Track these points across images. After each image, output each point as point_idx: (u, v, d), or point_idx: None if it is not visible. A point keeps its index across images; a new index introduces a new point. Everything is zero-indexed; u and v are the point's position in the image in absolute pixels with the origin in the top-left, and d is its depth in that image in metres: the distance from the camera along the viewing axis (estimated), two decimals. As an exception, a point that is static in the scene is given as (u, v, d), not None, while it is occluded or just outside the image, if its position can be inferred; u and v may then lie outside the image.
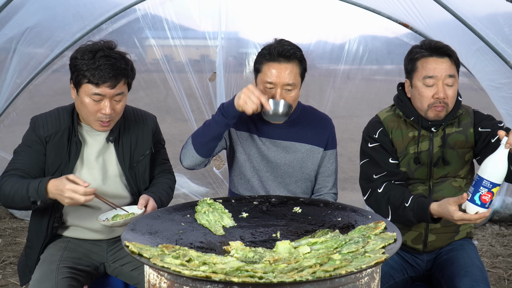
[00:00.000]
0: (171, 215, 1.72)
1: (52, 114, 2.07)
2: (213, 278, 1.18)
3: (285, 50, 2.10)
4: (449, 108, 2.08)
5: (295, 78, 2.13)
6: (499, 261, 3.78)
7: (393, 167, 2.14)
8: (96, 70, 1.88)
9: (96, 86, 1.90)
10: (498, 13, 3.32)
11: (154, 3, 4.15)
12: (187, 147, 2.18)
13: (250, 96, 1.96)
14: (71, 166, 2.03)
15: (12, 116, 4.29)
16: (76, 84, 1.95)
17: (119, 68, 1.93)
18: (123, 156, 2.12)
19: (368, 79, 4.51)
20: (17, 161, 2.02)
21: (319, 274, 1.20)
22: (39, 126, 2.03)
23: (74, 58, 1.94)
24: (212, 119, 2.11)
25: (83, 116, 2.01)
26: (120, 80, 1.94)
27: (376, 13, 4.05)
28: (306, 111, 2.35)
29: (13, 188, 1.90)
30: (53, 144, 2.01)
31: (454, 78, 2.05)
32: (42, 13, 3.71)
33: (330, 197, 2.32)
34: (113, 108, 1.96)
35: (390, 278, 2.10)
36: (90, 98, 1.93)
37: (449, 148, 2.11)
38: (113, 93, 1.94)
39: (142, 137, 2.17)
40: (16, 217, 4.45)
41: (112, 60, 1.91)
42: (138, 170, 2.16)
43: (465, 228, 2.18)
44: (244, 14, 4.35)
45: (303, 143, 2.28)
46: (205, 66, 4.36)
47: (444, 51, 2.06)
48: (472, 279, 1.91)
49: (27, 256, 2.12)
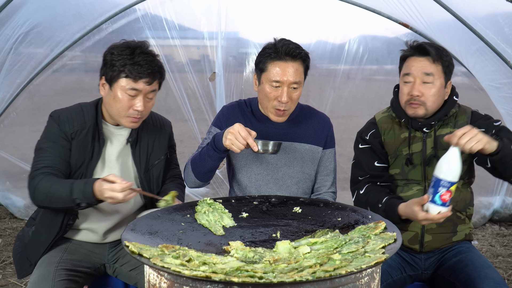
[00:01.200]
0: (171, 215, 1.72)
1: (76, 110, 2.05)
2: (213, 278, 1.18)
3: (292, 49, 2.11)
4: (428, 106, 2.07)
5: (300, 76, 2.14)
6: (499, 261, 3.78)
7: (377, 170, 2.19)
8: (135, 65, 1.91)
9: (133, 81, 1.92)
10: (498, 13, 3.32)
11: (154, 3, 4.15)
12: (188, 172, 2.21)
13: (237, 138, 1.93)
14: (93, 165, 2.03)
15: (12, 116, 4.29)
16: (110, 79, 1.95)
17: (156, 66, 1.97)
18: (139, 158, 2.12)
19: (368, 79, 4.51)
20: (45, 158, 1.97)
21: (319, 274, 1.20)
22: (64, 122, 2.00)
23: (110, 53, 1.96)
24: (206, 153, 2.10)
25: (112, 112, 2.00)
26: (156, 78, 1.98)
27: (376, 13, 4.05)
28: (304, 110, 2.35)
29: (52, 188, 1.86)
30: (78, 141, 2.00)
31: (432, 76, 2.05)
32: (42, 13, 3.70)
33: (329, 196, 2.32)
34: (145, 105, 1.98)
35: (388, 277, 2.10)
36: (125, 93, 1.94)
37: (442, 149, 2.09)
38: (148, 89, 1.96)
39: (159, 142, 2.19)
40: (16, 217, 4.45)
41: (150, 57, 1.96)
42: (153, 174, 2.16)
43: (463, 229, 2.17)
44: (244, 14, 4.35)
45: (302, 143, 2.28)
46: (205, 66, 4.36)
47: (425, 50, 2.06)
48: (494, 281, 1.90)
49: (31, 248, 2.08)
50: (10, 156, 4.38)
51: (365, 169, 2.20)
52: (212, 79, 4.32)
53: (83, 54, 4.27)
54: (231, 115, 2.32)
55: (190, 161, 2.21)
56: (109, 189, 1.76)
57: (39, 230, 2.07)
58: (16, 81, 4.07)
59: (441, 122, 2.13)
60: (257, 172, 2.28)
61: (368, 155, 2.22)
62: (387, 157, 2.22)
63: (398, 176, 2.19)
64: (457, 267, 2.06)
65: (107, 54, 1.97)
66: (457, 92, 2.18)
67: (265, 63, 2.14)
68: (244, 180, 2.30)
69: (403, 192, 2.17)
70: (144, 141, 2.14)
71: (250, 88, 4.31)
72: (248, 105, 2.34)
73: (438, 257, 2.17)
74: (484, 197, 4.55)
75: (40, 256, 2.05)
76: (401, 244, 1.43)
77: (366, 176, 2.21)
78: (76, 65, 4.34)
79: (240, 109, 2.33)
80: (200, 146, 2.33)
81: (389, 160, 2.21)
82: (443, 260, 2.14)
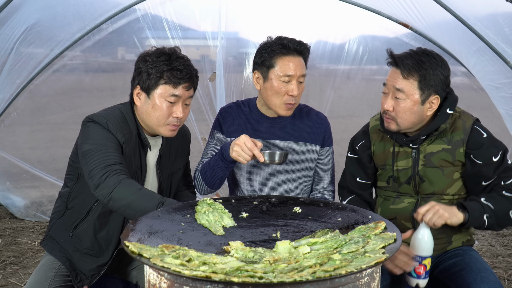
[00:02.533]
0: (171, 215, 1.72)
1: (120, 117, 1.93)
2: (213, 278, 1.18)
3: (298, 44, 2.18)
4: (400, 122, 1.96)
5: (305, 69, 2.22)
6: (499, 261, 3.78)
7: (359, 187, 2.20)
8: (175, 71, 1.87)
9: (174, 87, 1.88)
10: (498, 13, 3.32)
11: (154, 3, 4.15)
12: (199, 182, 2.24)
13: (243, 150, 1.94)
14: (143, 175, 1.98)
15: (12, 116, 4.29)
16: (148, 88, 1.89)
17: (194, 70, 1.95)
18: (163, 166, 2.08)
19: (368, 79, 4.51)
20: (107, 155, 1.79)
21: (319, 274, 1.20)
22: (115, 129, 1.87)
23: (143, 61, 1.90)
24: (215, 163, 2.12)
25: (151, 121, 1.93)
26: (194, 82, 1.95)
27: (376, 13, 4.05)
28: (301, 109, 2.36)
29: (135, 197, 1.72)
30: (128, 150, 1.92)
31: (403, 92, 1.91)
32: (42, 13, 3.70)
33: (327, 194, 2.33)
34: (184, 112, 1.94)
35: (388, 277, 2.09)
36: (165, 101, 1.89)
37: (432, 167, 2.02)
38: (187, 95, 1.93)
39: (181, 150, 2.18)
40: (16, 217, 4.45)
41: (187, 62, 1.94)
42: (172, 181, 2.15)
43: (458, 238, 2.10)
44: (244, 14, 4.35)
45: (300, 142, 2.29)
46: (205, 66, 4.36)
47: (395, 62, 1.94)
48: (490, 284, 1.86)
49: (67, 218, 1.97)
50: (10, 156, 4.38)
51: (349, 181, 2.22)
52: (212, 79, 4.32)
53: (83, 54, 4.28)
54: (229, 117, 2.32)
55: (200, 171, 2.23)
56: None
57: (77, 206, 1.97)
58: (16, 81, 4.07)
59: (433, 137, 2.00)
60: (256, 172, 2.28)
61: (353, 167, 2.22)
62: (374, 171, 2.19)
63: (389, 188, 2.14)
64: (453, 270, 2.01)
65: (139, 62, 1.91)
66: (455, 99, 2.01)
67: (273, 59, 2.17)
68: (243, 180, 2.30)
69: (395, 204, 2.12)
70: (167, 149, 2.10)
71: (250, 88, 4.31)
72: (246, 105, 2.35)
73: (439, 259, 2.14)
74: (484, 197, 4.54)
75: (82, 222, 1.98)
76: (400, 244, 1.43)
77: (349, 188, 2.23)
78: (76, 65, 4.34)
79: (238, 110, 2.33)
80: (204, 152, 2.35)
81: (378, 173, 2.18)
82: (439, 262, 2.12)
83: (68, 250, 1.98)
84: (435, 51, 1.98)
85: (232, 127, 2.31)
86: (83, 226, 1.96)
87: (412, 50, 1.98)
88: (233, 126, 2.31)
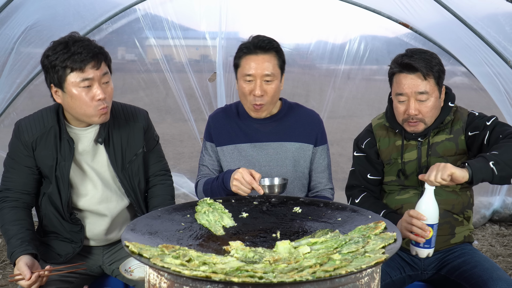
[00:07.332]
0: (171, 215, 1.72)
1: (36, 116, 2.02)
2: (213, 278, 1.18)
3: (262, 41, 2.13)
4: (428, 121, 2.05)
5: (274, 68, 2.13)
6: (499, 261, 3.78)
7: (370, 183, 2.22)
8: (74, 55, 1.83)
9: (81, 71, 1.84)
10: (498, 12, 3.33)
11: (154, 3, 4.16)
12: (202, 197, 2.20)
13: (242, 184, 1.93)
14: (67, 166, 1.97)
15: (12, 116, 4.29)
16: (59, 82, 1.87)
17: (96, 48, 1.89)
18: (114, 157, 2.05)
19: (368, 79, 4.51)
20: (8, 179, 2.01)
21: (319, 274, 1.20)
22: (23, 131, 1.98)
23: (46, 56, 1.88)
24: (217, 189, 2.10)
25: (78, 112, 1.91)
26: (101, 59, 1.89)
27: (376, 13, 4.05)
28: (292, 108, 2.33)
29: (3, 228, 1.94)
30: (41, 147, 1.96)
31: (426, 94, 1.99)
32: (42, 13, 3.70)
33: (327, 193, 2.32)
34: (105, 91, 1.90)
35: (387, 276, 2.10)
36: (79, 88, 1.85)
37: (437, 156, 2.08)
38: (99, 74, 1.87)
39: (133, 136, 2.10)
40: (16, 217, 4.44)
41: (85, 42, 1.89)
42: (132, 170, 2.09)
43: (461, 231, 2.15)
44: (244, 14, 4.35)
45: (293, 142, 2.27)
46: (205, 66, 4.36)
47: (414, 67, 1.98)
48: (507, 283, 1.89)
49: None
50: (10, 156, 4.38)
51: (360, 179, 2.24)
52: (213, 80, 4.32)
53: (83, 54, 4.27)
54: (217, 124, 2.31)
55: (203, 191, 2.21)
56: (18, 281, 1.78)
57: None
58: (16, 81, 4.07)
59: (436, 129, 2.11)
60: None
61: (362, 165, 2.24)
62: (382, 167, 2.22)
63: (394, 182, 2.19)
64: (464, 268, 2.04)
65: (43, 60, 1.90)
66: (454, 94, 2.14)
67: (239, 59, 2.17)
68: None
69: (400, 195, 2.17)
70: (117, 138, 2.06)
71: (250, 88, 4.30)
72: (235, 108, 2.33)
73: (439, 258, 2.16)
74: (484, 197, 4.55)
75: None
76: (400, 244, 1.43)
77: (361, 186, 2.24)
78: (76, 65, 4.34)
79: (226, 115, 2.32)
80: (200, 163, 2.34)
81: (384, 169, 2.21)
82: (445, 261, 2.13)
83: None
84: (431, 51, 2.08)
85: (221, 135, 2.29)
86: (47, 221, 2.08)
87: (408, 53, 2.04)
88: (222, 134, 2.29)
